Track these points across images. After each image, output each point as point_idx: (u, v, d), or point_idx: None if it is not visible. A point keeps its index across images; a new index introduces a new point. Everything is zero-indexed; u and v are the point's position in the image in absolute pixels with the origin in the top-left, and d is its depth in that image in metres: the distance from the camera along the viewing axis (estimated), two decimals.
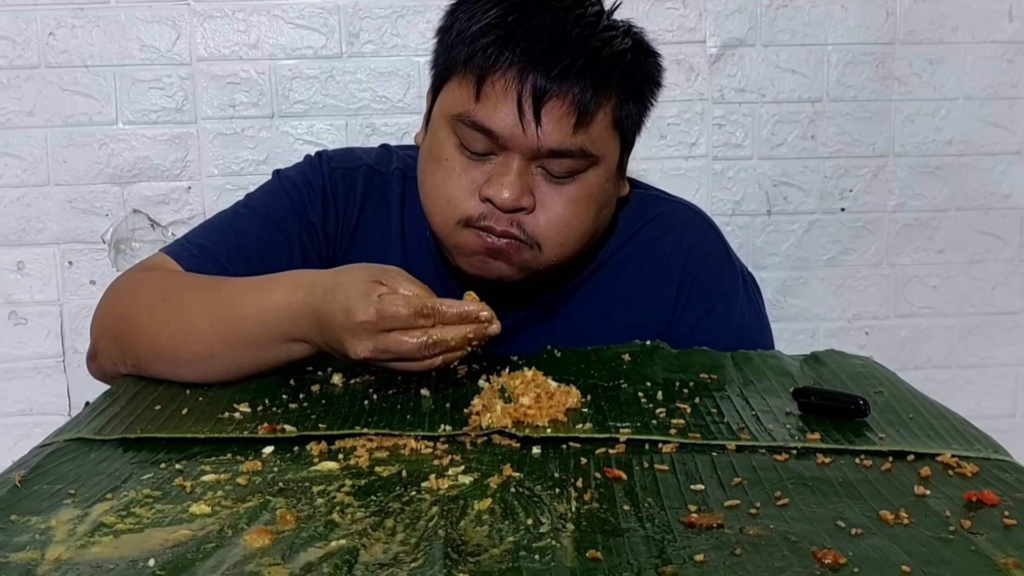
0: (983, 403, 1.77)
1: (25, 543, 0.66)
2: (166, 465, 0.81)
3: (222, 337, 0.98)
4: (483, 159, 1.03)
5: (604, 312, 1.18)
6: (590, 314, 1.18)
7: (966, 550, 0.63)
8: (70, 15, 1.59)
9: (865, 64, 1.67)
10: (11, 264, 1.65)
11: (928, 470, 0.76)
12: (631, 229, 1.19)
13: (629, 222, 1.19)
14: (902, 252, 1.74)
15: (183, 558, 0.63)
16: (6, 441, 1.66)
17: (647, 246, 1.19)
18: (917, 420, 0.88)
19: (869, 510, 0.69)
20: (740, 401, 0.93)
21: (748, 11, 1.29)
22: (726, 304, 1.18)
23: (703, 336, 1.14)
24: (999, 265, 1.75)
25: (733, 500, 0.71)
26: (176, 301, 1.02)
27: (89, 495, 0.74)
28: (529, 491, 0.73)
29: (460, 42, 1.03)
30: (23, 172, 1.62)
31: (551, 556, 0.62)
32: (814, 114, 1.69)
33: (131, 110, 1.61)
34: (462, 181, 1.03)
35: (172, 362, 1.00)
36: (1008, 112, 1.70)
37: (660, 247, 1.19)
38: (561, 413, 0.88)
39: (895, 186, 1.72)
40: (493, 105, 1.00)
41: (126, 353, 1.03)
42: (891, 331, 1.76)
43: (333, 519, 0.69)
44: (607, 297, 1.18)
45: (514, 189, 1.01)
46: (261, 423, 0.88)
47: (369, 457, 0.81)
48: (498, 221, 1.02)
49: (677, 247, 1.19)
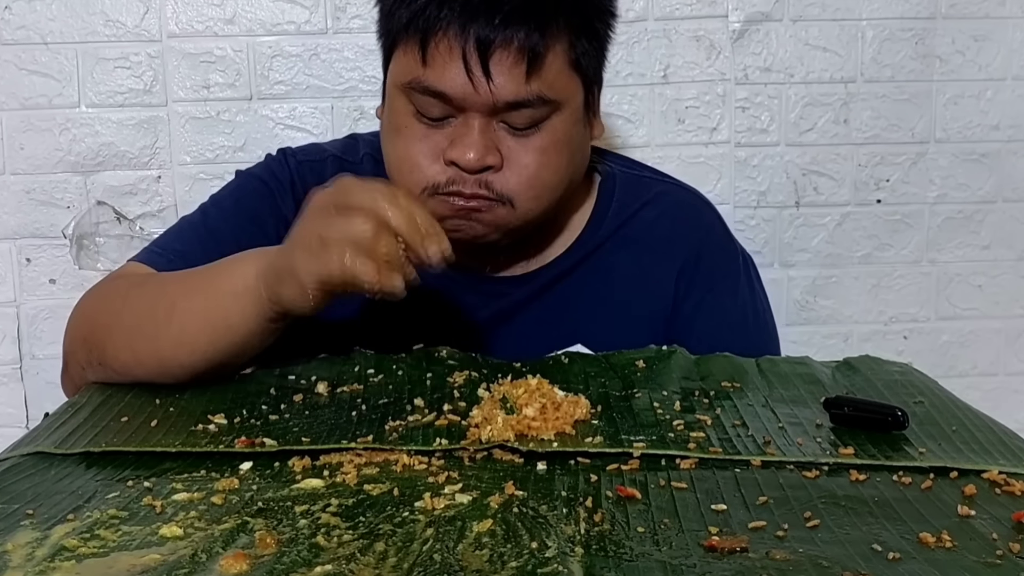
0: None
1: None
2: (134, 482, 0.81)
3: (195, 313, 1.00)
4: (442, 123, 1.07)
5: (604, 296, 1.21)
6: (589, 298, 1.21)
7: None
8: None
9: (903, 41, 1.67)
10: None
11: (973, 488, 0.76)
12: (627, 211, 1.23)
13: (624, 204, 1.23)
14: (944, 248, 1.74)
15: None
16: None
17: (644, 228, 1.23)
18: (961, 433, 0.88)
19: (908, 532, 0.69)
20: (766, 412, 0.93)
21: None
22: (729, 283, 1.24)
23: (708, 315, 1.20)
24: None
25: (758, 521, 0.71)
26: (150, 293, 1.05)
27: (49, 516, 0.74)
28: (534, 511, 0.73)
29: (399, 6, 1.06)
30: None
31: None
32: (847, 96, 1.68)
33: (95, 92, 1.61)
34: (424, 148, 1.07)
35: (142, 355, 1.02)
36: None
37: (658, 229, 1.23)
38: (569, 425, 0.88)
39: (936, 175, 1.71)
40: (441, 67, 1.04)
41: (93, 351, 1.05)
42: (932, 335, 1.76)
43: (318, 542, 0.69)
44: (606, 281, 1.22)
45: (478, 148, 1.04)
46: (238, 436, 0.88)
47: (357, 474, 0.81)
48: (465, 184, 1.06)
49: (675, 229, 1.24)
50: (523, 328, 1.16)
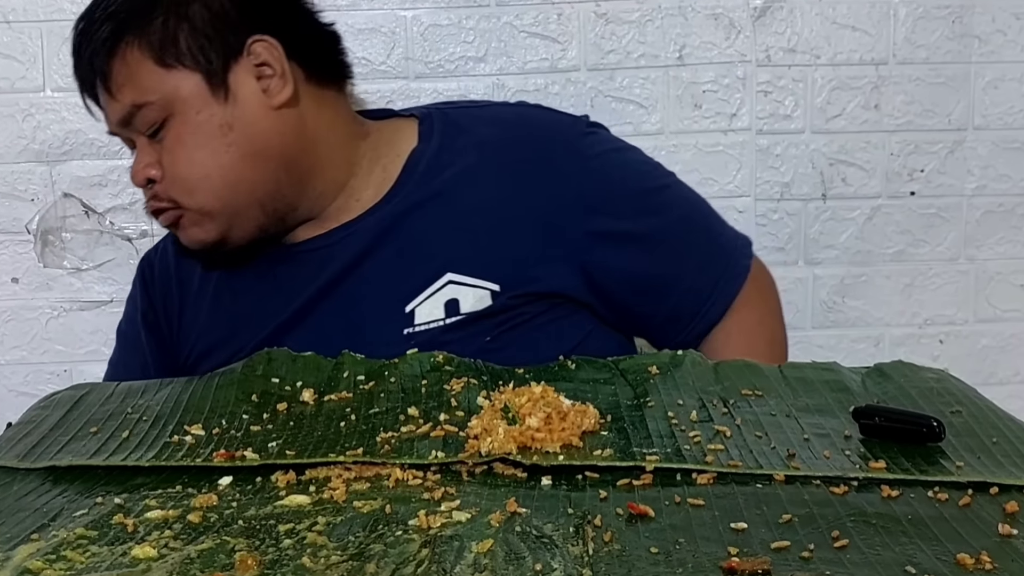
0: None
1: None
2: (103, 499, 0.81)
3: None
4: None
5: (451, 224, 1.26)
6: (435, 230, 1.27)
7: None
8: None
9: (939, 19, 1.67)
10: None
11: (1015, 505, 0.76)
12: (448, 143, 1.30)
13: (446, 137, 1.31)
14: (983, 244, 1.74)
15: None
16: None
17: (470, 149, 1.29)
18: (1002, 445, 0.88)
19: (944, 553, 0.69)
20: (790, 422, 0.93)
21: None
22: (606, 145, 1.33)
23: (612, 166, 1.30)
24: None
25: (782, 541, 0.71)
26: None
27: (11, 535, 0.75)
28: (537, 531, 0.73)
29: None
30: None
31: None
32: (878, 79, 1.69)
33: (61, 74, 1.61)
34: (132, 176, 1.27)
35: None
36: None
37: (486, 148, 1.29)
38: (576, 437, 0.89)
39: (975, 165, 1.71)
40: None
41: None
42: (970, 339, 1.76)
43: (303, 564, 0.69)
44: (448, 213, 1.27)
45: (136, 168, 1.24)
46: (217, 449, 0.89)
47: (346, 490, 0.81)
48: (152, 199, 1.25)
49: (503, 140, 1.30)
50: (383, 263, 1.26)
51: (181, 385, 1.07)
